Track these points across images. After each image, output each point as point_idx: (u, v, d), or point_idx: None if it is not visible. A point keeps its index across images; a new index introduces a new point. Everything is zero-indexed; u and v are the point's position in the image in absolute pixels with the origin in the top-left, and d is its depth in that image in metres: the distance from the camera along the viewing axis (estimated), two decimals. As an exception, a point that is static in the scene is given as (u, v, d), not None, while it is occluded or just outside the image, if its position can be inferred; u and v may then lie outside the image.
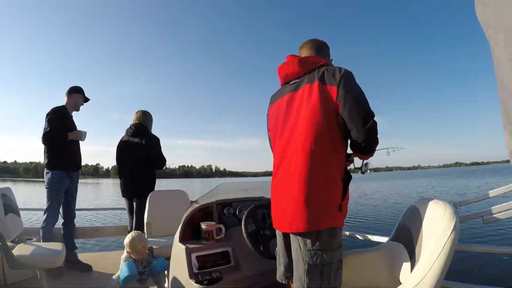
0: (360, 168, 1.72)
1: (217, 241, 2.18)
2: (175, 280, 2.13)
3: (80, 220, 9.75)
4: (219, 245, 2.15)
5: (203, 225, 2.18)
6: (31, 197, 22.50)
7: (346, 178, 1.56)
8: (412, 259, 1.50)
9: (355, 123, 1.43)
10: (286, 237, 1.64)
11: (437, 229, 1.38)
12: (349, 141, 1.58)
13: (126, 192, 3.54)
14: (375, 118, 1.46)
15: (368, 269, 1.85)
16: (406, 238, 1.65)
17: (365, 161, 1.69)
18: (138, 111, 3.74)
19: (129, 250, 2.40)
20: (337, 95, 1.46)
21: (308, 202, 1.42)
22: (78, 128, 3.56)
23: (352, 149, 1.60)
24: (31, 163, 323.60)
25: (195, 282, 1.87)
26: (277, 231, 1.71)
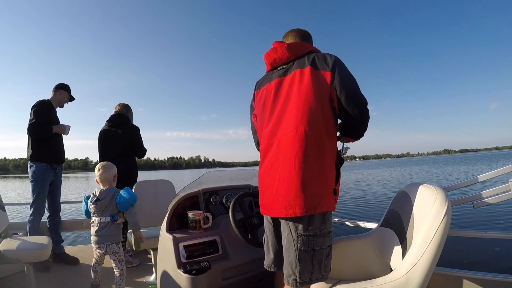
0: (340, 151, 1.73)
1: (204, 230, 2.15)
2: (163, 270, 2.10)
3: (70, 213, 9.61)
4: (206, 234, 2.12)
5: (190, 214, 2.14)
6: (20, 193, 22.11)
7: (339, 162, 1.60)
8: (403, 245, 1.48)
9: (352, 110, 1.47)
10: (275, 223, 1.62)
11: (428, 214, 1.35)
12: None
13: None
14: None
15: (358, 255, 1.83)
16: (396, 223, 1.63)
17: (345, 144, 1.72)
18: (119, 103, 3.78)
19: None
20: (332, 81, 1.47)
21: (304, 186, 1.41)
22: (61, 123, 3.58)
23: (343, 134, 1.65)
24: (20, 159, 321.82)
25: (183, 272, 1.84)
26: (265, 218, 1.68)
